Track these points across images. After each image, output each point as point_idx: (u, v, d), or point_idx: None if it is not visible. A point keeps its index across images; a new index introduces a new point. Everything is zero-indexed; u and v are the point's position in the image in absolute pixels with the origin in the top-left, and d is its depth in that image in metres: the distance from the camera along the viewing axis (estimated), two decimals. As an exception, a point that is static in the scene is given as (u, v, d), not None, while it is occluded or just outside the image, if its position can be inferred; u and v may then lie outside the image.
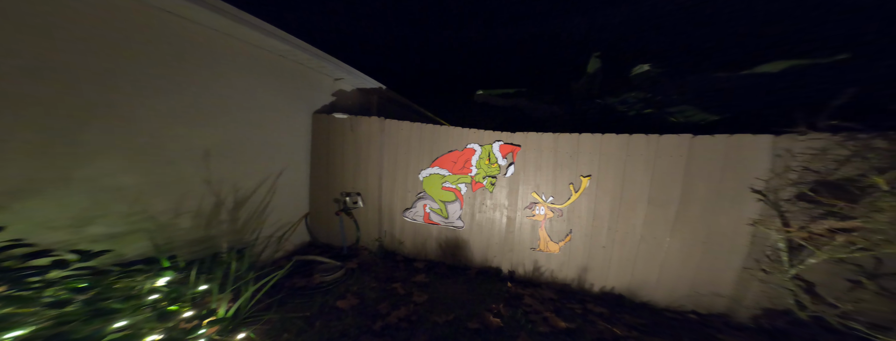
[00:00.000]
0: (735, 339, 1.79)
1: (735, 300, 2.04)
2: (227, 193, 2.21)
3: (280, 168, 2.70)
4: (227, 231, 2.22)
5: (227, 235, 2.21)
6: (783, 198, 1.84)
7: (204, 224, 2.05)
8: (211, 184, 2.08)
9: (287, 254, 2.88)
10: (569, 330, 1.88)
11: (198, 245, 2.01)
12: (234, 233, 2.29)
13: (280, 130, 2.68)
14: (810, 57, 2.17)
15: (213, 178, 2.09)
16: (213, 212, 2.11)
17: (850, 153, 1.64)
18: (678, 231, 2.13)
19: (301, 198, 3.10)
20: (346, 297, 2.17)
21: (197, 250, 2.00)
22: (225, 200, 2.19)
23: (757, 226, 1.92)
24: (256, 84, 2.39)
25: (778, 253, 1.86)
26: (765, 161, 1.89)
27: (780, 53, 2.34)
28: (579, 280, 2.48)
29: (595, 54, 3.00)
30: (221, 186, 2.16)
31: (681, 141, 2.06)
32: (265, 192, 2.54)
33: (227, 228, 2.23)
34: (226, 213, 2.21)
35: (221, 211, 2.17)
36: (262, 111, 2.46)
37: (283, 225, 2.82)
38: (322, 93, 3.25)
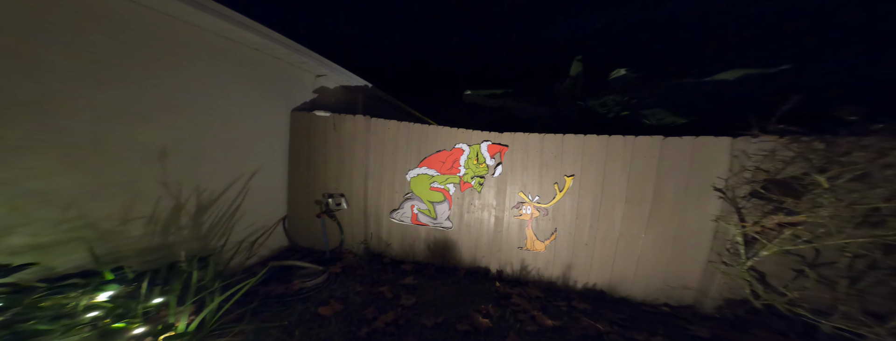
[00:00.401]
0: (702, 329, 1.92)
1: (701, 291, 2.20)
2: (188, 196, 2.01)
3: (253, 168, 2.51)
4: (188, 237, 2.02)
5: (188, 242, 2.01)
6: (740, 196, 2.03)
7: (159, 230, 1.84)
8: (168, 186, 1.87)
9: (262, 260, 2.68)
10: (555, 327, 1.92)
11: (151, 254, 1.80)
12: (197, 239, 2.08)
13: (253, 128, 2.50)
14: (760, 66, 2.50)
15: (170, 180, 1.88)
16: (171, 217, 1.91)
17: (794, 154, 1.85)
18: (651, 227, 2.27)
19: (278, 200, 2.91)
20: (330, 303, 2.06)
21: (151, 259, 1.79)
22: (186, 204, 1.99)
23: (719, 221, 2.10)
24: (225, 78, 2.21)
25: (736, 246, 2.04)
26: (724, 161, 2.08)
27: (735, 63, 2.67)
28: (564, 277, 2.56)
29: (577, 58, 3.18)
30: (181, 188, 1.96)
31: (653, 142, 2.21)
32: (235, 195, 2.36)
33: (189, 234, 2.03)
34: (187, 218, 2.01)
35: (181, 215, 1.97)
36: (231, 107, 2.27)
37: (258, 229, 2.62)
38: (302, 89, 3.10)
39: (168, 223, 1.89)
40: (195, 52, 1.98)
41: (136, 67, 1.67)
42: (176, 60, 1.87)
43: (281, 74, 2.77)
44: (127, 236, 1.69)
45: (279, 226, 2.95)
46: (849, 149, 1.67)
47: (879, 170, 1.55)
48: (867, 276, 1.68)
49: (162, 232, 1.86)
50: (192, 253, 1.90)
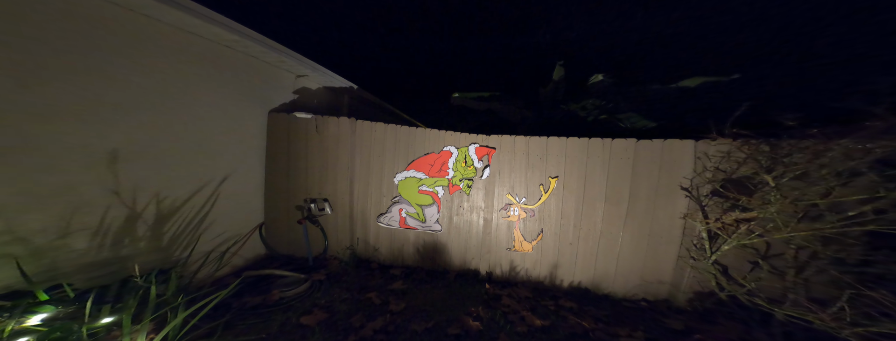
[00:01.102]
0: (677, 322, 2.05)
1: (674, 286, 2.36)
2: (146, 204, 1.82)
3: (224, 173, 2.34)
4: (146, 249, 1.83)
5: (146, 254, 1.82)
6: (703, 194, 2.23)
7: (109, 243, 1.65)
8: (120, 194, 1.68)
9: (236, 271, 2.48)
10: (544, 327, 1.96)
11: (99, 269, 1.61)
12: (157, 251, 1.89)
13: (224, 130, 2.34)
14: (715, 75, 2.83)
15: (123, 186, 1.70)
16: (125, 228, 1.72)
17: (745, 155, 2.07)
18: (629, 226, 2.41)
19: (253, 206, 2.73)
20: (313, 312, 1.95)
21: (98, 275, 1.59)
22: (143, 213, 1.81)
23: (686, 219, 2.28)
24: (192, 76, 2.06)
25: (702, 242, 2.21)
26: (689, 162, 2.27)
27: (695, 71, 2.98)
28: (551, 276, 2.63)
29: (559, 62, 3.37)
30: (136, 196, 1.77)
31: (628, 144, 2.36)
32: (203, 201, 2.18)
33: (148, 246, 1.84)
34: (145, 228, 1.82)
35: (137, 225, 1.78)
36: (199, 107, 2.11)
37: (230, 237, 2.44)
38: (281, 90, 2.96)
39: (120, 234, 1.69)
40: (156, 48, 1.83)
41: (81, 63, 1.49)
42: (132, 56, 1.71)
43: (257, 74, 2.63)
44: (68, 250, 1.48)
45: (256, 234, 2.76)
46: (790, 150, 1.89)
47: (816, 169, 1.78)
48: (810, 266, 1.89)
49: (112, 244, 1.66)
50: (152, 266, 1.72)
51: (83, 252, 1.54)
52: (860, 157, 1.61)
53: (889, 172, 1.60)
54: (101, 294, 1.28)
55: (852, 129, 1.60)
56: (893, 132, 1.48)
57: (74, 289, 1.36)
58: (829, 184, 1.72)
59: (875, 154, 1.57)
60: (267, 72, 2.76)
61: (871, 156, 1.58)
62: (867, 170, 1.65)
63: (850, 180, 1.70)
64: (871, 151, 1.57)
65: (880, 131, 1.51)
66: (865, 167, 1.64)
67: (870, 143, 1.56)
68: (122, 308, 1.25)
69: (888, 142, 1.51)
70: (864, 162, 1.61)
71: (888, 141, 1.51)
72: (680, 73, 3.07)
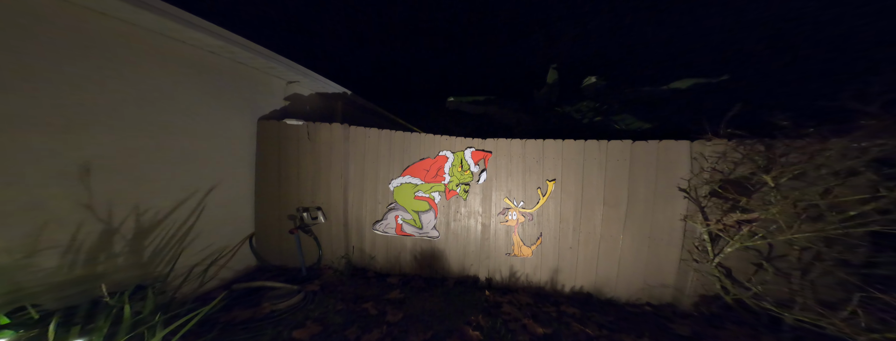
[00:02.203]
0: (683, 327, 1.99)
1: (678, 289, 2.30)
2: (123, 218, 1.74)
3: (210, 183, 2.27)
4: (124, 265, 1.74)
5: (125, 271, 1.73)
6: (702, 195, 2.20)
7: (82, 260, 1.55)
8: (93, 208, 1.59)
9: (224, 284, 2.38)
10: (546, 335, 1.89)
11: (72, 288, 1.51)
12: (136, 266, 1.80)
13: (210, 139, 2.27)
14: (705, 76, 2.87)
15: (97, 200, 1.61)
16: (100, 244, 1.63)
17: (741, 156, 2.05)
18: (629, 229, 2.37)
19: (243, 216, 2.65)
20: (306, 325, 1.86)
21: (70, 295, 1.50)
22: (120, 227, 1.72)
23: (686, 220, 2.24)
24: (174, 83, 2.00)
25: (704, 244, 2.17)
26: (685, 163, 2.24)
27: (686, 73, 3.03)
28: (552, 282, 2.56)
29: (553, 66, 3.39)
30: (113, 209, 1.68)
31: (624, 146, 2.34)
32: (187, 213, 2.10)
33: (126, 262, 1.75)
34: (123, 243, 1.73)
35: (113, 241, 1.69)
36: (180, 115, 2.05)
37: (218, 249, 2.35)
38: (271, 97, 2.92)
39: (95, 251, 1.60)
40: (133, 53, 1.77)
41: (48, 68, 1.42)
42: (106, 62, 1.65)
43: (245, 80, 2.59)
44: (36, 270, 1.40)
45: (245, 246, 2.67)
46: (785, 151, 1.88)
47: (813, 169, 1.77)
48: (815, 268, 1.84)
49: (86, 261, 1.57)
50: (132, 282, 1.64)
51: (53, 270, 1.45)
52: (857, 157, 1.60)
53: (888, 171, 1.59)
54: (69, 315, 1.19)
55: (847, 129, 1.60)
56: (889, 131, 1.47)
57: (41, 311, 1.27)
58: (828, 183, 1.70)
59: (872, 153, 1.56)
60: (255, 78, 2.72)
61: (867, 156, 1.57)
62: (865, 169, 1.64)
63: (848, 180, 1.69)
64: (867, 150, 1.56)
65: (876, 130, 1.50)
66: (863, 166, 1.63)
67: (866, 142, 1.55)
68: (93, 329, 1.16)
69: (885, 141, 1.50)
70: (862, 161, 1.60)
71: (885, 140, 1.50)
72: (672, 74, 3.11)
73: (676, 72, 3.38)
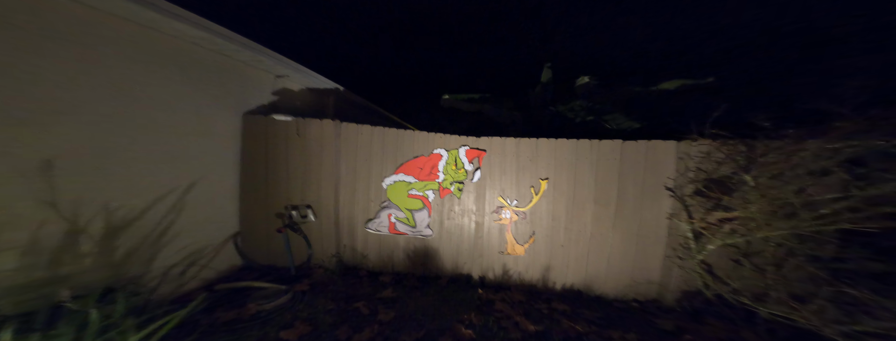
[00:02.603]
0: (667, 322, 2.06)
1: (663, 285, 2.38)
2: (91, 217, 1.63)
3: (190, 179, 2.16)
4: (93, 266, 1.64)
5: (93, 272, 1.63)
6: (687, 194, 2.27)
7: (44, 262, 1.45)
8: (57, 207, 1.49)
9: (206, 284, 2.29)
10: (538, 332, 1.91)
11: (32, 291, 1.41)
12: (107, 267, 1.70)
13: (190, 133, 2.16)
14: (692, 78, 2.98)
15: (62, 198, 1.50)
16: (65, 245, 1.53)
17: (724, 156, 2.13)
18: (618, 227, 2.43)
19: (227, 215, 2.55)
20: (294, 325, 1.81)
21: (29, 299, 1.40)
22: (87, 227, 1.61)
23: (672, 218, 2.32)
24: (149, 74, 1.88)
25: (687, 241, 2.25)
26: (672, 162, 2.31)
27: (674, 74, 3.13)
28: (544, 279, 2.60)
29: (547, 65, 3.42)
30: (80, 209, 1.58)
31: (614, 145, 2.39)
32: (164, 212, 1.99)
33: (95, 263, 1.65)
34: (91, 244, 1.63)
35: (80, 241, 1.59)
36: (158, 108, 1.94)
37: (199, 249, 2.25)
38: (258, 91, 2.80)
39: (59, 252, 1.50)
40: (105, 42, 1.65)
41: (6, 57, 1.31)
42: (75, 51, 1.53)
43: (229, 74, 2.47)
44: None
45: (230, 245, 2.57)
46: (765, 151, 1.97)
47: (790, 169, 1.86)
48: (787, 263, 1.95)
49: (50, 263, 1.46)
50: (101, 284, 1.53)
51: (11, 273, 1.35)
52: (830, 157, 1.69)
53: (858, 171, 1.69)
54: (27, 321, 1.10)
55: (822, 130, 1.68)
56: (861, 133, 1.56)
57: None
58: (803, 182, 1.79)
59: (844, 154, 1.65)
60: (241, 71, 2.60)
61: (840, 156, 1.66)
62: (837, 169, 1.73)
63: (821, 179, 1.78)
64: (840, 151, 1.65)
65: (849, 132, 1.59)
66: (835, 166, 1.72)
67: (839, 144, 1.64)
68: (55, 335, 1.08)
69: (857, 142, 1.59)
70: (834, 161, 1.69)
71: (857, 141, 1.59)
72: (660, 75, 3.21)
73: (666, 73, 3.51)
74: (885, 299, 1.47)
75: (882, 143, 1.53)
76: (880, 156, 1.57)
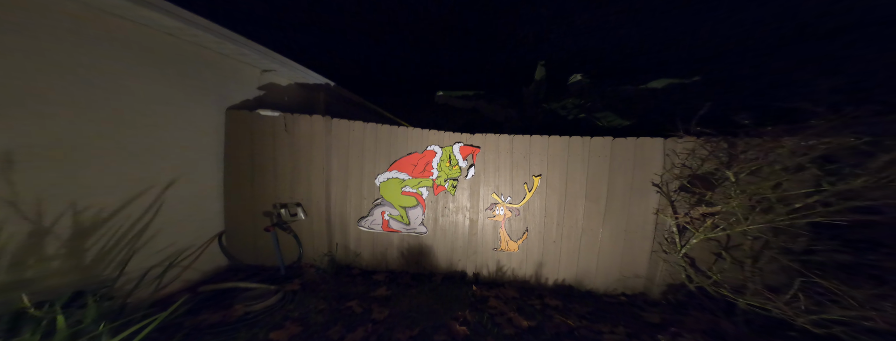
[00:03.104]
0: (654, 315, 2.12)
1: (649, 279, 2.46)
2: (58, 216, 1.52)
3: (169, 177, 2.06)
4: (61, 269, 1.53)
5: (62, 275, 1.52)
6: (672, 190, 2.35)
7: (4, 265, 1.35)
8: (17, 206, 1.38)
9: (189, 286, 2.19)
10: (531, 328, 1.94)
11: None
12: (77, 270, 1.59)
13: (168, 127, 2.05)
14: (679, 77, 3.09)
15: (22, 197, 1.39)
16: (28, 246, 1.42)
17: (708, 152, 2.21)
18: (607, 222, 2.49)
19: (210, 213, 2.44)
20: (285, 326, 1.77)
21: None
22: (52, 227, 1.50)
23: (658, 214, 2.40)
24: (120, 65, 1.76)
25: (672, 236, 2.33)
26: (659, 159, 2.37)
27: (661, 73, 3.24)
28: (537, 275, 2.64)
29: (541, 62, 3.45)
30: (43, 207, 1.47)
31: (605, 142, 2.43)
32: (142, 210, 1.89)
33: (63, 266, 1.54)
34: (58, 245, 1.52)
35: (45, 242, 1.48)
36: (131, 101, 1.82)
37: (180, 250, 2.14)
38: (242, 85, 2.69)
39: (20, 254, 1.39)
40: (68, 31, 1.53)
41: None
42: (33, 40, 1.41)
43: (210, 67, 2.35)
44: None
45: (214, 245, 2.46)
46: (745, 148, 2.06)
47: (768, 165, 1.95)
48: (763, 256, 2.04)
49: (10, 267, 1.36)
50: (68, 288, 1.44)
51: None
52: (804, 154, 1.78)
53: (830, 167, 1.79)
54: None
55: (798, 128, 1.78)
56: (834, 131, 1.65)
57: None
58: (779, 178, 1.89)
59: (818, 150, 1.74)
60: (224, 65, 2.48)
61: (814, 153, 1.76)
62: (810, 165, 1.84)
63: (796, 175, 1.88)
64: (814, 148, 1.75)
65: (823, 130, 1.68)
66: (809, 162, 1.82)
67: (813, 141, 1.73)
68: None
69: (830, 139, 1.68)
70: (808, 158, 1.79)
71: (830, 139, 1.68)
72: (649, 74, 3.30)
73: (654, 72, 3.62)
74: (851, 289, 1.56)
75: (852, 140, 1.63)
76: (850, 152, 1.67)
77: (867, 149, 1.60)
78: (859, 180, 1.60)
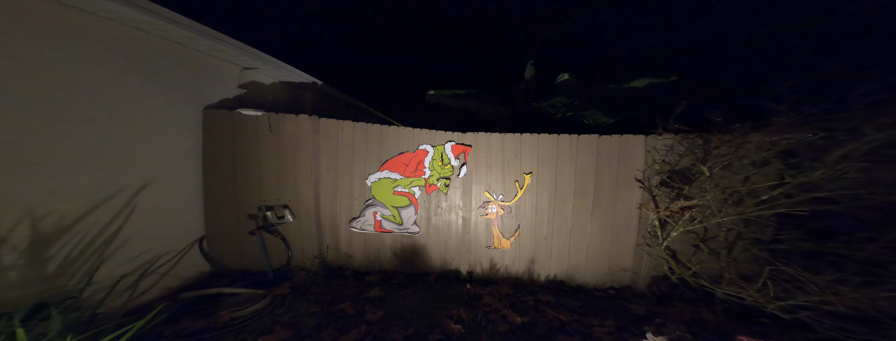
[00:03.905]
0: (640, 307, 2.20)
1: (635, 272, 2.55)
2: (13, 225, 1.41)
3: (141, 180, 1.94)
4: (18, 281, 1.41)
5: (21, 287, 1.41)
6: (654, 185, 2.46)
7: None
8: None
9: (169, 293, 2.06)
10: (524, 324, 1.96)
11: None
12: (35, 282, 1.47)
13: (136, 128, 1.93)
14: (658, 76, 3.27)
15: None
16: None
17: (685, 149, 2.33)
18: (595, 218, 2.57)
19: (188, 217, 2.32)
20: (274, 331, 1.70)
21: None
22: (9, 236, 1.39)
23: (641, 208, 2.51)
24: (81, 62, 1.64)
25: (654, 229, 2.43)
26: (641, 155, 2.47)
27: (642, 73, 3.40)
28: (529, 272, 2.68)
29: (530, 62, 3.54)
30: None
31: (591, 140, 2.50)
32: (110, 217, 1.77)
33: (19, 277, 1.42)
34: (13, 256, 1.40)
35: (0, 253, 1.36)
36: (95, 100, 1.70)
37: (156, 256, 2.02)
38: (220, 84, 2.57)
39: None
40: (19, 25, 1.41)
41: None
42: None
43: (185, 64, 2.24)
44: None
45: (194, 250, 2.33)
46: (718, 144, 2.20)
47: (737, 160, 2.10)
48: (736, 246, 2.16)
49: None
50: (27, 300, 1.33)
51: None
52: (769, 149, 1.93)
53: (791, 161, 1.95)
54: None
55: (763, 125, 1.92)
56: (794, 127, 1.80)
57: None
58: (747, 172, 2.03)
59: (780, 145, 1.89)
60: (200, 62, 2.36)
61: (777, 148, 1.91)
62: (775, 160, 1.99)
63: (762, 169, 2.03)
64: (777, 143, 1.90)
65: (784, 126, 1.83)
66: (773, 157, 1.98)
67: (776, 137, 1.88)
68: None
69: (791, 135, 1.83)
70: (772, 152, 1.94)
71: (790, 134, 1.83)
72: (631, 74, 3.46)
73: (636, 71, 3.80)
74: (813, 275, 1.68)
75: (810, 136, 1.78)
76: (809, 147, 1.82)
77: (823, 143, 1.75)
78: (817, 173, 1.74)
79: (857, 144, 1.62)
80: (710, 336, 1.80)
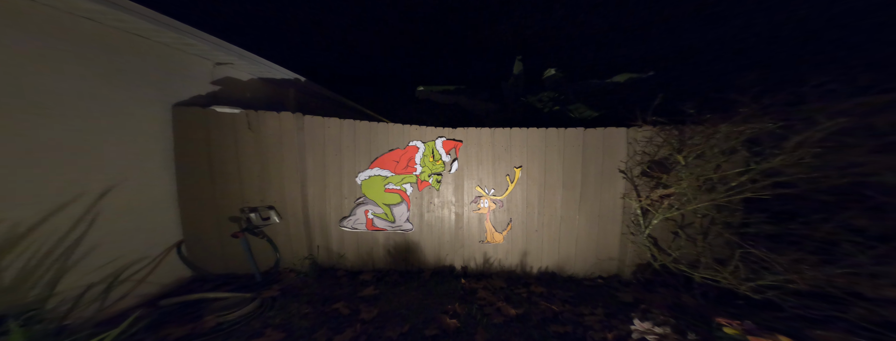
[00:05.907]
0: (627, 295, 2.29)
1: (621, 261, 2.66)
2: None
3: (104, 183, 1.80)
4: None
5: None
6: (635, 175, 2.58)
7: None
8: None
9: (147, 301, 1.93)
10: (519, 315, 1.99)
11: None
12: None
13: (96, 127, 1.78)
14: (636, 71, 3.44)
15: None
16: None
17: (662, 140, 2.46)
18: (583, 209, 2.66)
19: (161, 221, 2.18)
20: (265, 334, 1.64)
21: None
22: None
23: (625, 198, 2.62)
24: (31, 57, 1.50)
25: (637, 218, 2.55)
26: (623, 147, 2.57)
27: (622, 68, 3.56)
28: (522, 264, 2.73)
29: (518, 58, 3.61)
30: None
31: (578, 133, 2.58)
32: (70, 224, 1.63)
33: None
34: None
35: None
36: (47, 97, 1.56)
37: (129, 263, 1.88)
38: (191, 79, 2.42)
39: None
40: None
41: None
42: None
43: (149, 58, 2.09)
44: None
45: (173, 255, 2.19)
46: (691, 134, 2.34)
47: (709, 149, 2.25)
48: (710, 231, 2.30)
49: None
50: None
51: None
52: (736, 138, 2.08)
53: (755, 149, 2.12)
54: None
55: (730, 115, 2.07)
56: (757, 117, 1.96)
57: None
58: (718, 160, 2.18)
59: (745, 134, 2.05)
60: (166, 56, 2.21)
61: (742, 137, 2.07)
62: (741, 148, 2.15)
63: (730, 157, 2.19)
64: (742, 133, 2.05)
65: (748, 116, 1.98)
66: (740, 146, 2.13)
67: (741, 126, 2.03)
68: None
69: (754, 124, 1.99)
70: (739, 141, 2.09)
71: (754, 124, 1.99)
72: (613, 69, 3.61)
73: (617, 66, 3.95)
74: (777, 256, 1.80)
75: (770, 125, 1.94)
76: (770, 135, 1.99)
77: (782, 132, 1.91)
78: (778, 159, 1.90)
79: (811, 132, 1.78)
80: (690, 319, 1.90)
